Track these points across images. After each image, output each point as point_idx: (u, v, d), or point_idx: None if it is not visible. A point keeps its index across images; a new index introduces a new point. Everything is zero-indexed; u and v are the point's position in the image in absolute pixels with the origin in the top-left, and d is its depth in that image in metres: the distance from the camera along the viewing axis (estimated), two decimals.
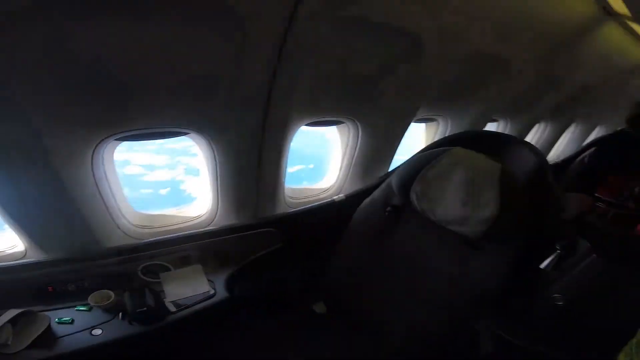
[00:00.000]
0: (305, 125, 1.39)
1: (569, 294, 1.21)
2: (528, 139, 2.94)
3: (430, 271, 1.23)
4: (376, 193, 1.40)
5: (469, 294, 1.15)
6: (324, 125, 1.53)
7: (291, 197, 1.56)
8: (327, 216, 1.55)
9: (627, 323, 0.84)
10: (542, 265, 1.20)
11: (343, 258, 1.38)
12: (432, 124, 2.00)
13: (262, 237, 1.38)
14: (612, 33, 1.99)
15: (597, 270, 1.16)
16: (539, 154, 1.28)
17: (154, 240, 1.23)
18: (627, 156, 1.52)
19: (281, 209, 1.46)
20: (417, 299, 1.22)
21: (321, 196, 1.67)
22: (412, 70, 1.39)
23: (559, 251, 1.18)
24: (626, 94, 2.89)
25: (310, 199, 1.64)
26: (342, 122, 1.53)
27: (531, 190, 1.21)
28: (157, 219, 1.32)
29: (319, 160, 1.79)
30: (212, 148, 1.18)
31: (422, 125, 2.04)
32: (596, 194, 1.59)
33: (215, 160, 1.20)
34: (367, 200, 1.41)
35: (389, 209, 1.32)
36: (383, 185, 1.39)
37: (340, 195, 1.63)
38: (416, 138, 2.07)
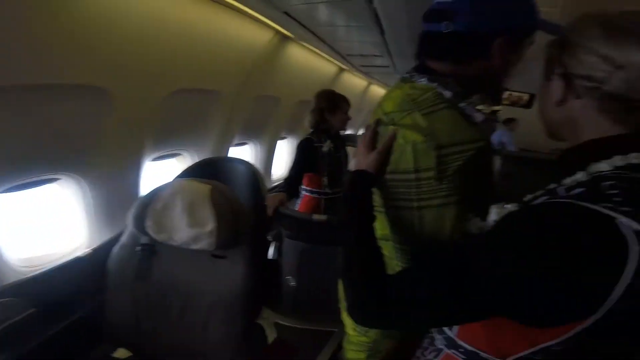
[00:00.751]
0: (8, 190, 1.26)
1: (293, 274, 1.55)
2: (279, 154, 3.53)
3: (197, 292, 1.33)
4: (124, 237, 1.41)
5: (230, 297, 1.30)
6: (40, 185, 1.40)
7: (27, 266, 1.41)
8: (79, 272, 1.46)
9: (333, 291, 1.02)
10: (269, 256, 1.50)
11: (115, 305, 1.36)
12: (181, 158, 2.13)
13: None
14: (299, 52, 2.60)
15: (296, 249, 1.52)
16: (251, 167, 1.62)
17: None
18: (311, 157, 1.97)
19: (12, 278, 1.31)
20: (200, 320, 1.32)
21: (68, 256, 1.53)
22: (116, 119, 1.46)
23: (272, 240, 1.50)
24: None
25: (56, 261, 1.48)
26: (59, 179, 1.43)
27: (247, 197, 1.52)
28: None
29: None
30: None
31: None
32: (307, 187, 2.10)
33: None
34: (116, 247, 1.41)
35: (138, 248, 1.37)
36: (127, 228, 1.41)
37: (86, 250, 1.53)
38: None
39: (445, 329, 0.71)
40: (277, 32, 2.20)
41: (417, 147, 0.66)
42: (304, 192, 2.16)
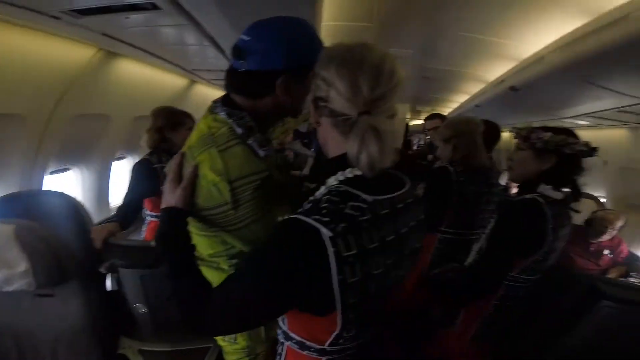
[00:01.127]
0: None
1: (140, 300, 1.50)
2: (118, 176, 3.17)
3: (30, 332, 1.27)
4: None
5: (72, 333, 1.28)
6: None
7: None
8: None
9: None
10: (108, 288, 1.43)
11: None
12: None
13: None
14: (133, 67, 2.45)
15: (136, 277, 1.46)
16: (69, 198, 1.51)
17: None
18: (150, 180, 1.80)
19: None
20: None
21: None
22: None
23: (106, 272, 1.42)
24: None
25: None
26: None
27: (69, 231, 1.43)
28: None
29: None
30: None
31: None
32: (152, 212, 1.96)
33: None
34: None
35: None
36: None
37: None
38: None
39: (281, 323, 0.75)
40: (101, 48, 2.05)
41: (218, 185, 0.74)
42: (149, 218, 1.99)
